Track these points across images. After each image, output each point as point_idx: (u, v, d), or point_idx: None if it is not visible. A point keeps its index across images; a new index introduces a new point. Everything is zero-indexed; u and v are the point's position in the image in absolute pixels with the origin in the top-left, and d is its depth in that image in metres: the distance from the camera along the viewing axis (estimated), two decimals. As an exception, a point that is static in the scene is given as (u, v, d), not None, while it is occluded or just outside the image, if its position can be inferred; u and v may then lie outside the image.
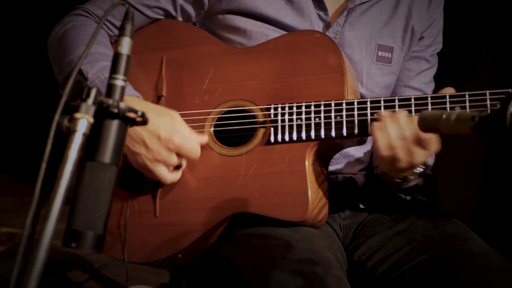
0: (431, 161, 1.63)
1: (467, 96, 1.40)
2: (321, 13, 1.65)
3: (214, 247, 1.53)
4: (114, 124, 1.10)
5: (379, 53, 1.68)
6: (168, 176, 1.50)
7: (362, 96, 1.66)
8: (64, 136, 1.06)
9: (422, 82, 1.74)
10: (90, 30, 1.62)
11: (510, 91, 1.06)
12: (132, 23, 1.16)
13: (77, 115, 1.05)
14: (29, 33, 4.72)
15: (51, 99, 1.72)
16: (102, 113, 1.09)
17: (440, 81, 1.80)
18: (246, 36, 1.64)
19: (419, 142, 1.38)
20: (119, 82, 1.13)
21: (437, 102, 1.41)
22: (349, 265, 1.60)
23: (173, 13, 1.67)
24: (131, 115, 1.11)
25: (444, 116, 1.13)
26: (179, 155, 1.49)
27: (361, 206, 1.65)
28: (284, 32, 1.62)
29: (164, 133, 1.47)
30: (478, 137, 1.05)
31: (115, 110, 1.09)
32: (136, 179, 1.56)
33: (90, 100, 1.06)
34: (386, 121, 1.39)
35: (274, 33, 1.62)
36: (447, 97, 1.40)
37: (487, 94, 1.39)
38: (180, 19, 1.69)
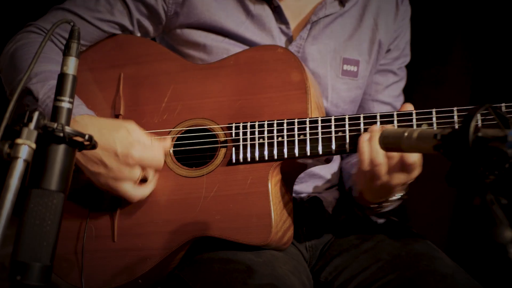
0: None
1: (434, 113, 1.36)
2: (283, 27, 1.61)
3: (176, 271, 1.48)
4: (60, 149, 1.05)
5: (344, 67, 1.64)
6: (135, 192, 1.45)
7: (327, 111, 1.62)
8: (6, 163, 1.01)
9: (390, 95, 1.71)
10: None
11: (474, 108, 1.02)
12: (78, 41, 1.11)
13: (19, 140, 0.99)
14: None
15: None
16: (47, 138, 1.04)
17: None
18: (206, 51, 1.60)
19: (403, 165, 1.34)
20: (65, 104, 1.07)
21: (403, 119, 1.37)
22: (316, 286, 1.55)
23: (130, 27, 1.63)
24: (78, 139, 1.05)
25: (406, 134, 1.09)
26: (142, 167, 1.44)
27: (327, 225, 1.61)
28: (246, 47, 1.58)
29: (121, 149, 1.41)
30: (441, 156, 1.01)
31: (61, 134, 1.03)
32: (95, 197, 1.51)
33: (32, 125, 1.01)
34: (373, 132, 1.35)
35: (235, 48, 1.59)
36: (413, 114, 1.36)
37: (455, 111, 1.36)
38: (138, 34, 1.64)
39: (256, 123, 1.44)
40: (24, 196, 1.03)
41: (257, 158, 1.42)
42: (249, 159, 1.43)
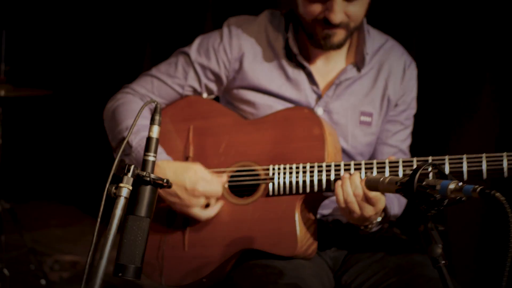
0: (396, 210, 2.01)
1: (400, 162, 1.82)
2: (314, 87, 2.06)
3: (231, 273, 1.97)
4: (148, 188, 1.56)
5: (361, 118, 2.08)
6: (201, 214, 1.94)
7: (348, 152, 2.07)
8: (113, 199, 1.54)
9: (398, 140, 2.13)
10: (135, 106, 2.08)
11: (421, 164, 1.47)
12: (160, 114, 1.61)
13: (121, 184, 1.51)
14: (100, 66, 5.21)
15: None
16: (139, 182, 1.56)
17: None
18: (255, 107, 2.07)
19: (368, 200, 1.78)
20: (150, 158, 1.59)
21: (380, 166, 1.83)
22: (338, 287, 2.03)
23: (199, 89, 2.12)
24: (160, 181, 1.58)
25: (381, 179, 1.56)
26: (205, 196, 1.94)
27: (346, 241, 2.08)
28: (286, 103, 2.04)
29: (189, 185, 1.91)
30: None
31: (148, 179, 1.56)
32: (172, 218, 2.02)
33: (130, 174, 1.53)
34: (345, 181, 1.81)
35: (277, 104, 2.04)
36: (387, 163, 1.82)
37: (414, 161, 1.80)
38: (205, 94, 2.15)
39: (288, 166, 1.90)
40: (124, 220, 1.56)
41: (287, 192, 1.89)
42: (282, 193, 1.89)
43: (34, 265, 3.81)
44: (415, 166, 1.74)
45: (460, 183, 1.38)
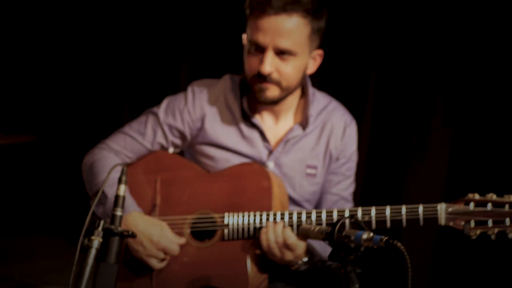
0: (323, 254, 2.27)
1: (323, 212, 2.14)
2: (266, 144, 2.35)
3: None
4: (116, 239, 1.86)
5: (307, 171, 2.36)
6: (156, 265, 2.22)
7: (296, 200, 2.36)
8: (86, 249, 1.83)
9: (340, 189, 2.41)
10: (110, 161, 2.36)
11: (340, 218, 1.77)
12: (126, 175, 1.89)
13: (93, 237, 1.80)
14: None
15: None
16: (108, 234, 1.85)
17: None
18: (214, 160, 2.35)
19: (287, 247, 2.09)
20: (118, 212, 1.87)
21: (308, 216, 2.14)
22: None
23: (166, 145, 2.41)
24: (126, 233, 1.87)
25: (311, 228, 1.86)
26: (164, 252, 2.22)
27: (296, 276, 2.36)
28: (241, 157, 2.33)
29: (155, 238, 2.19)
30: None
31: (116, 231, 1.85)
32: (138, 263, 2.28)
33: (100, 227, 1.82)
34: (269, 229, 2.11)
35: (234, 158, 2.33)
36: (314, 213, 2.14)
37: (335, 213, 2.13)
38: (171, 149, 2.45)
39: (240, 214, 2.19)
40: (96, 266, 1.84)
41: (240, 237, 2.17)
42: (235, 237, 2.18)
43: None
44: (335, 217, 2.07)
45: (371, 234, 1.69)
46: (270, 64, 2.19)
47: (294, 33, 2.17)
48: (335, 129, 2.41)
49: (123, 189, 1.88)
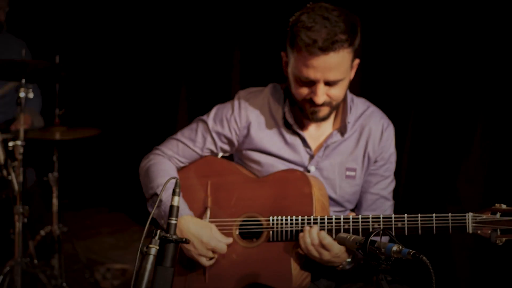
0: None
1: (360, 218, 2.29)
2: (307, 149, 2.52)
3: None
4: (171, 246, 2.08)
5: (347, 173, 2.53)
6: (206, 262, 2.43)
7: (336, 200, 2.54)
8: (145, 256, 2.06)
9: (379, 189, 2.57)
10: (164, 166, 2.58)
11: (374, 230, 1.92)
12: (179, 187, 2.11)
13: (150, 245, 2.03)
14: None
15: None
16: (165, 241, 2.07)
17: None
18: (260, 165, 2.54)
19: (323, 247, 2.27)
20: (173, 221, 2.10)
21: (345, 221, 2.30)
22: None
23: (215, 151, 2.61)
24: (179, 240, 2.09)
25: (347, 237, 2.04)
26: (213, 251, 2.43)
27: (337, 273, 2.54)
28: (284, 162, 2.51)
29: (205, 239, 2.39)
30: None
31: (171, 239, 2.07)
32: (191, 263, 2.50)
33: (157, 236, 2.05)
34: (305, 233, 2.29)
35: (278, 163, 2.51)
36: (351, 219, 2.29)
37: (370, 218, 2.27)
38: (220, 154, 2.65)
39: (284, 218, 2.36)
40: (154, 270, 2.07)
41: (284, 239, 2.36)
42: (279, 239, 2.37)
43: (88, 275, 4.35)
44: (371, 223, 2.24)
45: (400, 247, 1.85)
46: (323, 95, 2.35)
47: (341, 65, 2.31)
48: (373, 133, 2.56)
49: (177, 200, 2.09)
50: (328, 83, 2.33)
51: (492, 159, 3.52)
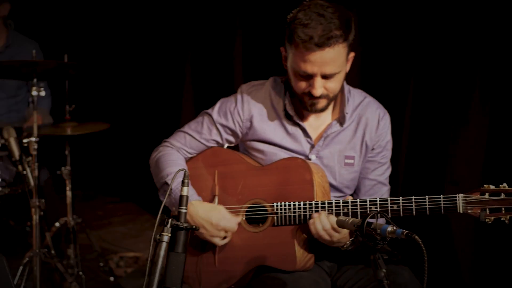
0: None
1: (358, 201, 2.43)
2: (308, 139, 2.66)
3: (250, 282, 2.62)
4: (182, 233, 2.22)
5: (346, 161, 2.66)
6: (220, 242, 2.58)
7: (336, 187, 2.67)
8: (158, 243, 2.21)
9: (376, 175, 2.71)
10: (173, 156, 2.72)
11: (369, 213, 2.06)
12: (188, 178, 2.25)
13: (163, 233, 2.18)
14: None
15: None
16: (176, 228, 2.22)
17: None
18: (264, 154, 2.68)
19: (334, 229, 2.40)
20: (183, 210, 2.23)
21: (344, 205, 2.44)
22: None
23: (221, 142, 2.75)
24: (190, 227, 2.24)
25: (346, 220, 2.18)
26: (225, 230, 2.59)
27: (340, 255, 2.69)
28: (286, 151, 2.65)
29: (214, 220, 2.54)
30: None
31: (182, 227, 2.22)
32: (205, 243, 2.66)
33: (169, 224, 2.20)
34: (315, 218, 2.43)
35: (280, 152, 2.65)
36: (350, 202, 2.44)
37: (368, 202, 2.41)
38: (226, 144, 2.79)
39: (287, 203, 2.50)
40: (168, 256, 2.22)
41: (287, 223, 2.51)
42: (284, 224, 2.51)
43: (103, 263, 4.52)
44: (368, 206, 2.38)
45: (394, 228, 2.00)
46: (320, 88, 2.48)
47: (337, 59, 2.44)
48: (369, 122, 2.69)
49: (186, 191, 2.24)
50: (325, 77, 2.47)
51: (489, 139, 3.64)
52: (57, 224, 4.22)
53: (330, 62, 2.43)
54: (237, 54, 5.07)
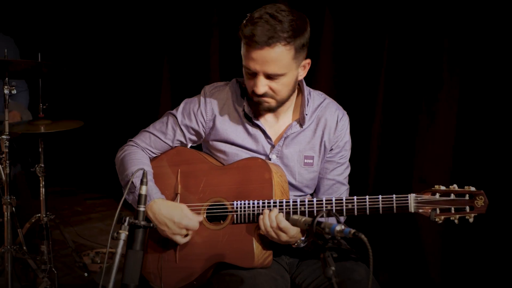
0: None
1: (314, 201, 2.48)
2: (268, 140, 2.71)
3: (210, 279, 2.68)
4: (140, 231, 2.28)
5: (305, 161, 2.72)
6: (181, 240, 2.64)
7: (296, 186, 2.73)
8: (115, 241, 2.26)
9: (334, 175, 2.77)
10: (137, 155, 2.78)
11: (319, 212, 2.11)
12: (147, 178, 2.31)
13: (120, 231, 2.23)
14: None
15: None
16: (134, 226, 2.28)
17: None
18: (225, 154, 2.73)
19: (280, 229, 2.45)
20: (141, 208, 2.30)
21: (301, 204, 2.49)
22: (293, 286, 2.72)
23: (184, 142, 2.81)
24: (147, 225, 2.29)
25: (299, 219, 2.24)
26: (186, 229, 2.64)
27: (298, 251, 2.75)
28: (248, 151, 2.70)
29: (177, 219, 2.60)
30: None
31: (139, 225, 2.27)
32: (166, 241, 2.71)
33: (126, 223, 2.25)
34: (264, 216, 2.48)
35: (242, 152, 2.70)
36: (306, 202, 2.48)
37: (324, 201, 2.47)
38: (190, 144, 2.85)
39: (247, 202, 2.56)
40: (126, 254, 2.27)
41: (246, 221, 2.55)
42: (243, 222, 2.56)
43: (77, 259, 4.55)
44: (324, 205, 2.45)
45: (343, 227, 2.06)
46: (262, 86, 2.54)
47: (279, 60, 2.48)
48: (328, 123, 2.75)
49: (144, 189, 2.30)
50: (269, 77, 2.52)
51: (457, 136, 3.71)
52: (30, 221, 4.24)
53: (271, 62, 2.47)
54: (214, 51, 5.11)
